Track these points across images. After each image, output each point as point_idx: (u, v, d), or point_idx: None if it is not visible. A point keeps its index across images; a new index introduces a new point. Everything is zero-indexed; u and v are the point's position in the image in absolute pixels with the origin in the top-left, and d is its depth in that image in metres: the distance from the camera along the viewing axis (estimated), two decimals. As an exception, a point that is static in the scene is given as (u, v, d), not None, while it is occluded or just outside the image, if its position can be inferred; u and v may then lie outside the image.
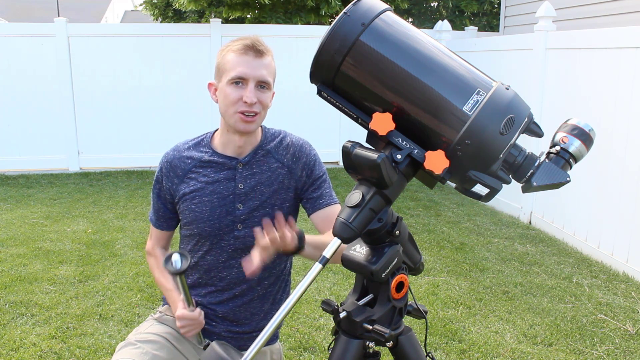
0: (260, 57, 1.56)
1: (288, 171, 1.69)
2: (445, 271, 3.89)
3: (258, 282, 1.71)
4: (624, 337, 3.01)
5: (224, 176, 1.66)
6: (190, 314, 1.55)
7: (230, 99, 1.55)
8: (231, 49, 1.57)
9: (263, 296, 1.73)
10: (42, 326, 3.02)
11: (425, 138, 1.14)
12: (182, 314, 1.55)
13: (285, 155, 1.70)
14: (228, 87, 1.56)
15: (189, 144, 1.73)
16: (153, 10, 11.20)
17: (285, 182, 1.68)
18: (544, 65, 4.88)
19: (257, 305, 1.73)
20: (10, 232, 4.55)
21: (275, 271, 1.73)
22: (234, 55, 1.56)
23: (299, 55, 6.95)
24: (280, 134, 1.74)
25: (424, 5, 12.44)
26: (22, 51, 6.59)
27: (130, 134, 6.93)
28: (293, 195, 1.70)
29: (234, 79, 1.54)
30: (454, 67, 1.13)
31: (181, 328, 1.58)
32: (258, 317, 1.74)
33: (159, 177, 1.73)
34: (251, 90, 1.54)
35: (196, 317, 1.56)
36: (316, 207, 1.69)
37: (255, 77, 1.55)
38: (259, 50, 1.55)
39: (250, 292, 1.71)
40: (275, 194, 1.67)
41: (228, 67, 1.56)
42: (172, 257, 1.39)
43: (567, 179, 1.15)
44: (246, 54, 1.55)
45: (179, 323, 1.56)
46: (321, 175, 1.73)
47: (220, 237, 1.66)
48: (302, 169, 1.70)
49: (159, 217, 1.77)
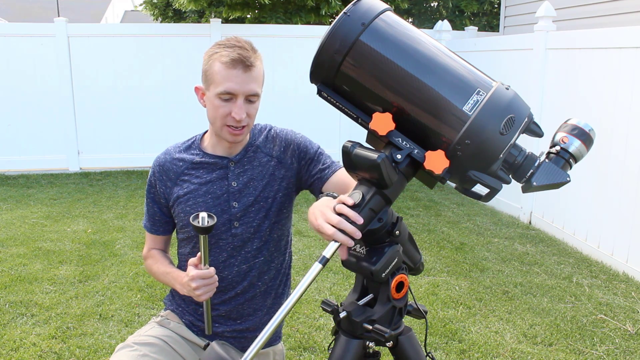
0: (250, 71, 1.52)
1: (278, 162, 1.69)
2: (445, 271, 3.89)
3: (259, 278, 1.71)
4: (624, 337, 3.01)
5: (217, 176, 1.66)
6: (204, 271, 1.46)
7: (219, 113, 1.54)
8: (219, 59, 1.52)
9: (265, 291, 1.73)
10: (42, 326, 3.02)
11: (425, 138, 1.14)
12: (196, 274, 1.45)
13: (272, 148, 1.70)
14: (216, 100, 1.53)
15: (179, 147, 1.73)
16: (153, 10, 11.20)
17: (275, 173, 1.68)
18: (544, 65, 4.88)
19: (259, 300, 1.73)
20: (10, 232, 4.55)
21: (274, 264, 1.73)
22: (222, 67, 1.51)
23: (299, 55, 6.95)
24: (266, 128, 1.75)
25: (424, 5, 12.44)
26: (22, 51, 6.60)
27: (130, 134, 6.93)
28: (285, 185, 1.70)
29: (222, 94, 1.52)
30: (454, 67, 1.13)
31: (195, 290, 1.47)
32: (261, 313, 1.74)
33: (152, 182, 1.72)
34: (240, 106, 1.52)
35: (212, 274, 1.46)
36: (324, 178, 1.66)
37: (245, 92, 1.52)
38: (247, 65, 1.51)
39: (252, 288, 1.70)
40: (268, 186, 1.67)
41: (216, 80, 1.52)
42: (200, 214, 1.39)
43: (567, 179, 1.15)
44: (235, 68, 1.50)
45: (193, 284, 1.46)
46: (316, 149, 1.72)
47: (217, 236, 1.65)
48: (292, 156, 1.70)
49: (155, 222, 1.76)
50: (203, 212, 1.41)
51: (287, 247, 1.78)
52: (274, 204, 1.68)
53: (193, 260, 1.49)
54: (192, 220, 1.39)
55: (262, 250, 1.69)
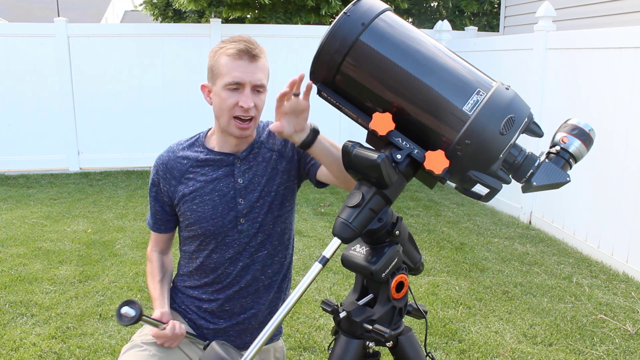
0: (256, 61, 1.54)
1: (279, 155, 1.70)
2: (445, 271, 3.89)
3: (262, 272, 1.71)
4: (624, 337, 3.01)
5: (223, 173, 1.66)
6: (162, 332, 1.58)
7: (227, 104, 1.54)
8: (225, 52, 1.54)
9: (268, 285, 1.74)
10: (42, 326, 3.02)
11: (425, 138, 1.14)
12: (155, 334, 1.59)
13: (274, 143, 1.71)
14: (223, 91, 1.54)
15: (182, 145, 1.72)
16: (153, 10, 11.19)
17: (278, 167, 1.69)
18: (544, 65, 4.88)
19: (262, 294, 1.73)
20: (10, 232, 4.55)
21: (277, 258, 1.74)
22: (229, 59, 1.53)
23: (299, 55, 6.95)
24: (269, 123, 1.75)
25: (424, 5, 12.44)
26: (22, 51, 6.59)
27: (130, 134, 6.93)
28: (287, 178, 1.70)
29: (230, 84, 1.53)
30: (454, 67, 1.13)
31: (162, 344, 1.62)
32: (263, 307, 1.74)
33: (155, 180, 1.72)
34: (247, 95, 1.53)
35: (168, 335, 1.58)
36: (318, 164, 1.68)
37: (252, 82, 1.54)
38: (253, 54, 1.54)
39: (255, 282, 1.71)
40: (270, 180, 1.67)
41: (223, 72, 1.54)
42: (121, 311, 1.42)
43: (567, 179, 1.15)
44: (241, 59, 1.53)
45: (157, 341, 1.61)
46: None
47: (224, 234, 1.66)
48: (292, 149, 1.70)
49: (157, 220, 1.76)
50: (122, 306, 1.42)
51: (290, 241, 1.78)
52: (277, 197, 1.68)
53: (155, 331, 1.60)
54: (120, 321, 1.42)
55: (266, 244, 1.69)
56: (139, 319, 1.42)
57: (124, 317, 1.41)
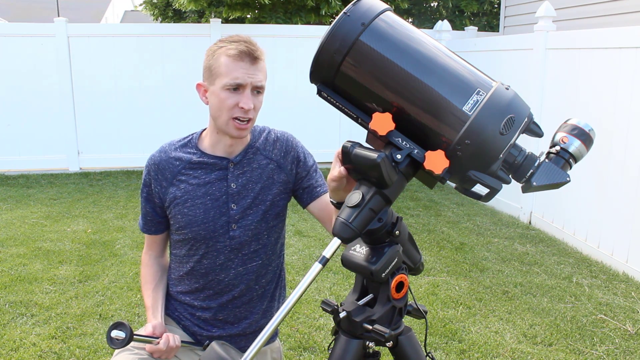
0: (257, 63, 1.53)
1: (277, 166, 1.68)
2: (445, 271, 3.89)
3: (256, 281, 1.70)
4: (623, 337, 3.01)
5: (216, 177, 1.63)
6: (156, 347, 1.56)
7: (226, 104, 1.52)
8: (225, 52, 1.52)
9: (262, 295, 1.72)
10: (42, 326, 3.02)
11: (425, 138, 1.13)
12: (150, 350, 1.58)
13: (272, 151, 1.69)
14: (223, 92, 1.52)
15: (175, 145, 1.68)
16: (153, 10, 11.20)
17: (274, 177, 1.67)
18: (544, 65, 4.88)
19: (256, 304, 1.72)
20: (10, 232, 4.55)
21: (271, 268, 1.73)
22: (229, 60, 1.51)
23: (299, 55, 6.95)
24: (265, 130, 1.73)
25: (424, 5, 12.45)
26: (22, 51, 6.59)
27: (130, 134, 6.93)
28: (283, 189, 1.69)
29: (230, 85, 1.52)
30: (453, 67, 1.13)
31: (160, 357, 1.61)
32: (257, 316, 1.73)
33: (146, 181, 1.68)
34: (248, 96, 1.52)
35: (162, 349, 1.56)
36: (314, 196, 1.69)
37: (253, 83, 1.53)
38: (255, 56, 1.53)
39: (249, 291, 1.69)
40: (266, 189, 1.66)
41: (223, 72, 1.52)
42: (112, 334, 1.44)
43: (567, 179, 1.15)
44: (242, 60, 1.51)
45: (154, 355, 1.60)
46: (312, 165, 1.73)
47: (215, 239, 1.63)
48: (292, 162, 1.70)
49: (147, 221, 1.73)
50: (112, 330, 1.44)
51: (282, 249, 1.78)
52: (272, 207, 1.67)
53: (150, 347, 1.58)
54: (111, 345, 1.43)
55: (260, 254, 1.68)
56: (129, 339, 1.44)
57: (114, 341, 1.43)
